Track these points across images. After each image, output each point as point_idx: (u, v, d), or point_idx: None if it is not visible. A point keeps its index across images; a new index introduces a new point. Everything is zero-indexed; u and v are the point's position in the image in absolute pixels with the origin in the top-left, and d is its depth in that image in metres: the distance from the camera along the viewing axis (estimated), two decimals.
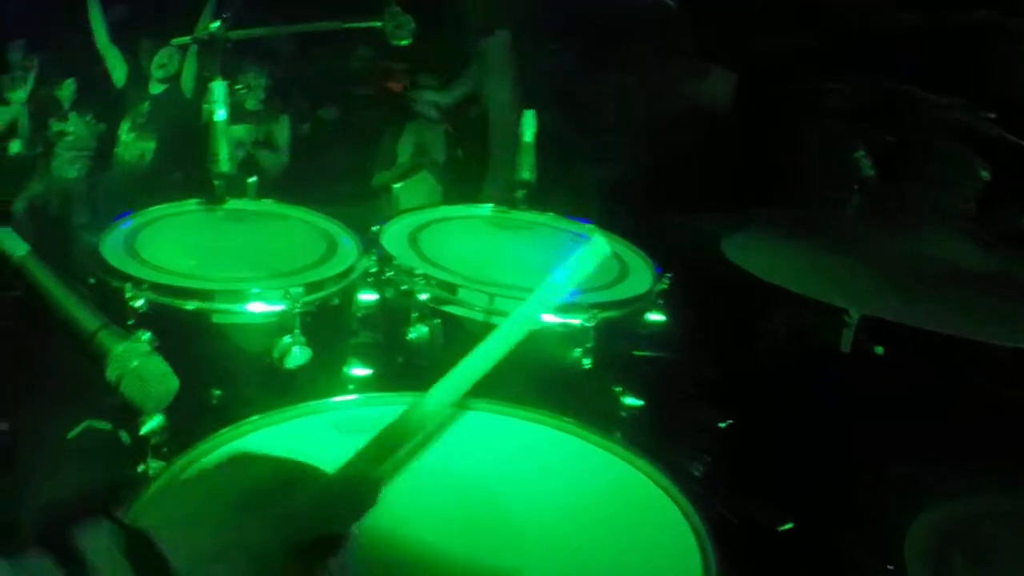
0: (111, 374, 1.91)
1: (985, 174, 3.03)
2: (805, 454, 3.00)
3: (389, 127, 6.60)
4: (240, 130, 6.46)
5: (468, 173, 6.22)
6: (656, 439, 2.64)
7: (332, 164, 6.86)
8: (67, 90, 6.83)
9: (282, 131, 6.64)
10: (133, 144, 6.61)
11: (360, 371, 2.51)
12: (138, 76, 6.70)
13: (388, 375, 2.56)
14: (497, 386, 2.25)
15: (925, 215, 3.17)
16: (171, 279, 2.36)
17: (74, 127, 6.77)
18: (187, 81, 6.60)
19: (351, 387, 2.49)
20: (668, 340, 2.69)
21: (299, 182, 6.67)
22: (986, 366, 2.75)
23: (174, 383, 1.94)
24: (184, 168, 6.53)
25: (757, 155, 4.39)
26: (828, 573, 2.55)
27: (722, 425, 3.23)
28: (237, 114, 6.49)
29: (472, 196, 4.64)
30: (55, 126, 6.83)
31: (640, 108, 5.65)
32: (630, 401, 2.58)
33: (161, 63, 6.59)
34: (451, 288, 2.45)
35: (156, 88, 6.64)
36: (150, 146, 6.60)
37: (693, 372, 3.17)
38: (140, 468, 2.19)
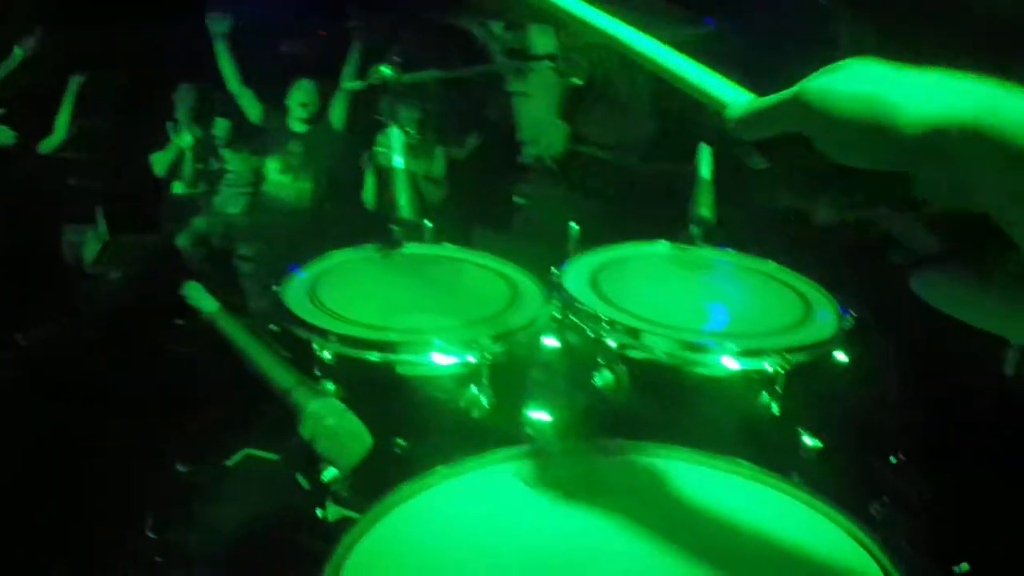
0: (305, 431, 1.94)
1: None
2: (987, 494, 2.92)
3: None
4: (412, 163, 6.54)
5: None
6: (835, 480, 2.59)
7: (483, 192, 6.90)
8: (221, 129, 7.00)
9: (438, 163, 6.68)
10: (291, 185, 6.74)
11: (541, 415, 2.49)
12: (277, 114, 6.82)
13: (571, 421, 2.55)
14: (680, 429, 2.24)
15: None
16: (358, 331, 2.38)
17: (233, 164, 6.94)
18: (337, 118, 6.71)
19: (532, 433, 2.48)
20: (852, 377, 2.63)
21: (453, 211, 6.73)
22: None
23: (368, 441, 1.97)
24: (338, 203, 6.67)
25: None
26: None
27: (893, 461, 3.16)
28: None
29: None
30: (216, 164, 7.02)
31: None
32: (811, 442, 2.52)
33: (303, 101, 6.70)
34: (635, 333, 2.41)
35: (299, 127, 6.75)
36: (307, 186, 6.72)
37: (877, 408, 3.10)
38: (320, 512, 2.22)
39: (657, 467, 1.96)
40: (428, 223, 3.02)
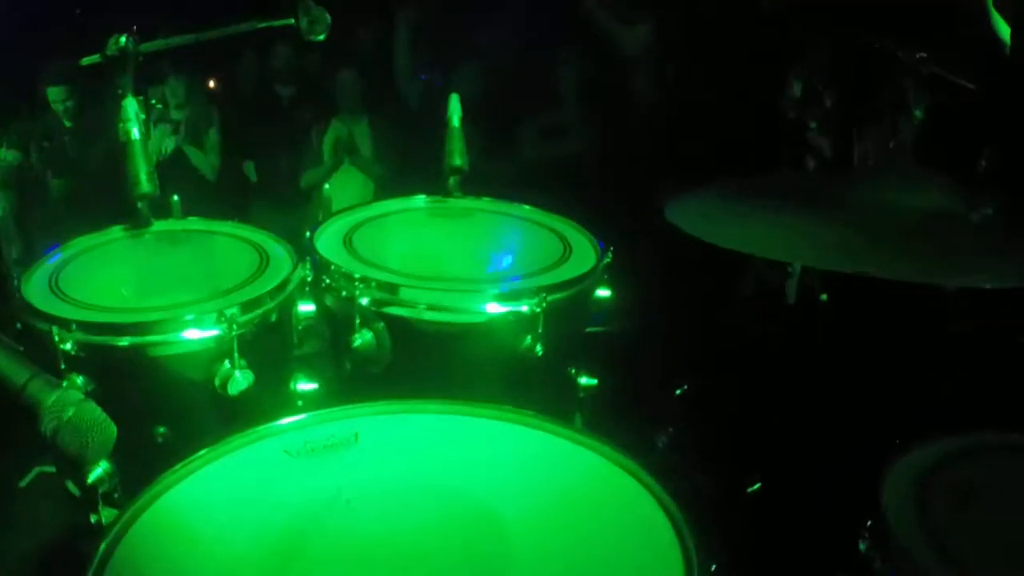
0: (45, 427, 1.82)
1: (919, 113, 2.98)
2: (770, 409, 2.97)
3: (314, 125, 6.49)
4: (169, 140, 6.35)
5: (401, 163, 6.17)
6: (617, 416, 2.59)
7: (265, 168, 6.75)
8: None
9: (212, 134, 6.50)
10: (64, 183, 6.44)
11: (307, 385, 2.41)
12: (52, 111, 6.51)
13: (337, 386, 2.48)
14: (452, 382, 2.20)
15: (866, 156, 3.13)
16: (98, 315, 2.24)
17: None
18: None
19: (300, 403, 2.40)
20: (618, 314, 2.63)
21: (231, 190, 6.56)
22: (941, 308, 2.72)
23: (112, 429, 1.84)
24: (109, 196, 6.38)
25: (713, 117, 4.32)
26: (804, 529, 2.51)
27: (678, 392, 3.19)
28: (165, 121, 6.36)
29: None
30: None
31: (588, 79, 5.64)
32: (586, 381, 2.51)
33: (59, 99, 6.40)
34: (392, 288, 2.36)
35: (69, 123, 6.46)
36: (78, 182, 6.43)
37: (647, 343, 3.12)
38: (93, 518, 2.10)
39: (430, 423, 1.95)
40: (176, 197, 2.87)
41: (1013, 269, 2.04)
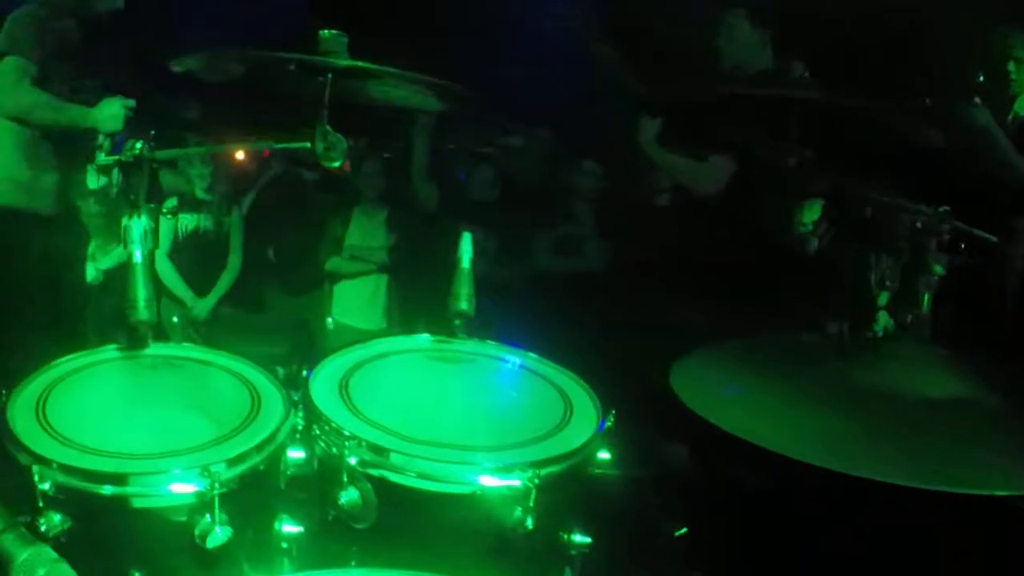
0: None
1: (939, 269, 2.91)
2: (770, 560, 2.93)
3: (338, 212, 6.46)
4: (205, 220, 6.29)
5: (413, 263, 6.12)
6: (611, 571, 2.54)
7: (283, 251, 6.74)
8: None
9: (236, 228, 6.42)
10: None
11: (292, 528, 2.35)
12: None
13: (320, 534, 2.42)
14: (438, 546, 2.15)
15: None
16: (81, 459, 2.18)
17: None
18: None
19: (284, 545, 2.35)
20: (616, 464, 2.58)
21: (249, 270, 6.51)
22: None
23: None
24: None
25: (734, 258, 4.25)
26: None
27: (677, 534, 3.13)
28: (190, 203, 6.30)
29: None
30: None
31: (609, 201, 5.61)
32: (579, 539, 2.45)
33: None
34: (382, 452, 2.30)
35: None
36: None
37: (643, 490, 3.07)
38: None
39: None
40: (175, 318, 2.83)
41: None
